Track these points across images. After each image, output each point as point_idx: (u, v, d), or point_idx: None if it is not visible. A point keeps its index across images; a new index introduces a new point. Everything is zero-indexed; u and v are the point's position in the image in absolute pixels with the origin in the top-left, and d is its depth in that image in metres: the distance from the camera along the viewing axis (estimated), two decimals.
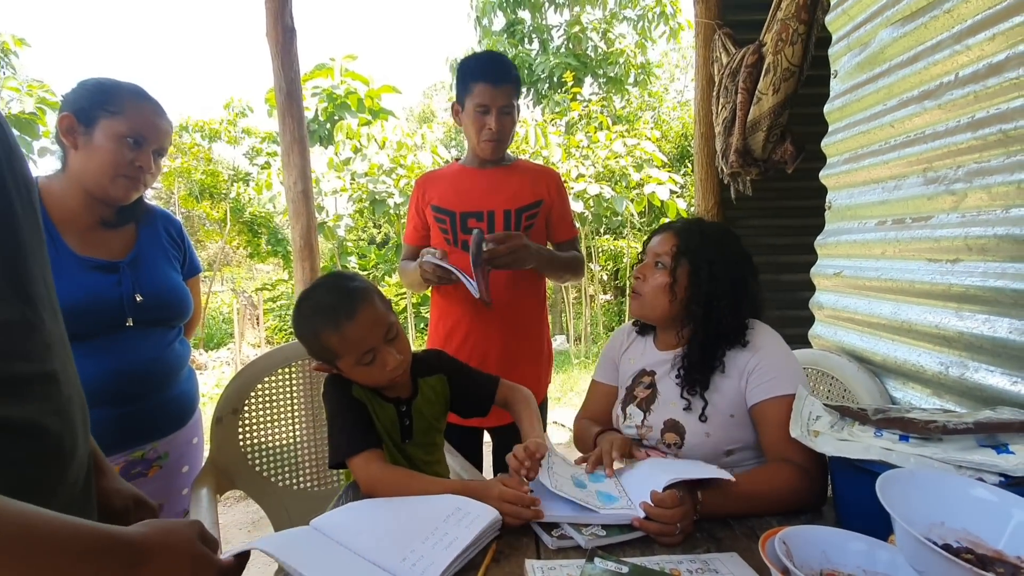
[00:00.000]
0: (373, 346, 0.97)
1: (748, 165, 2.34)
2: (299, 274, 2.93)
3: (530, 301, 1.62)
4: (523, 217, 1.55)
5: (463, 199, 1.55)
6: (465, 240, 1.50)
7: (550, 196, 1.60)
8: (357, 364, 0.98)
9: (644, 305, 1.16)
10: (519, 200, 1.55)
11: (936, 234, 1.16)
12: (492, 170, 1.58)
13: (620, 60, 9.85)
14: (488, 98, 1.46)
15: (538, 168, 1.67)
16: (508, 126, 1.53)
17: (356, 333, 0.96)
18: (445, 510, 0.84)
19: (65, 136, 1.07)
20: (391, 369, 0.98)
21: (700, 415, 1.07)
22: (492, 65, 1.50)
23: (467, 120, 1.53)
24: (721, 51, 2.48)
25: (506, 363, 1.53)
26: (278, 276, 10.88)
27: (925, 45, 1.19)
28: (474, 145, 1.55)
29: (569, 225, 1.68)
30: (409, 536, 0.78)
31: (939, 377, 1.14)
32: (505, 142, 1.55)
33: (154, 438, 1.16)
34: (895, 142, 1.30)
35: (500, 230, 1.51)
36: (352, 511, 0.88)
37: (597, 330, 8.09)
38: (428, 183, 1.62)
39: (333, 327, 0.95)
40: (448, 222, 1.54)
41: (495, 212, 1.52)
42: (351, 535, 0.80)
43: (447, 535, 0.78)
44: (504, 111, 1.49)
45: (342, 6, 65.74)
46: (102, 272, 1.10)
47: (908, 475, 0.69)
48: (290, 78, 2.78)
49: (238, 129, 9.08)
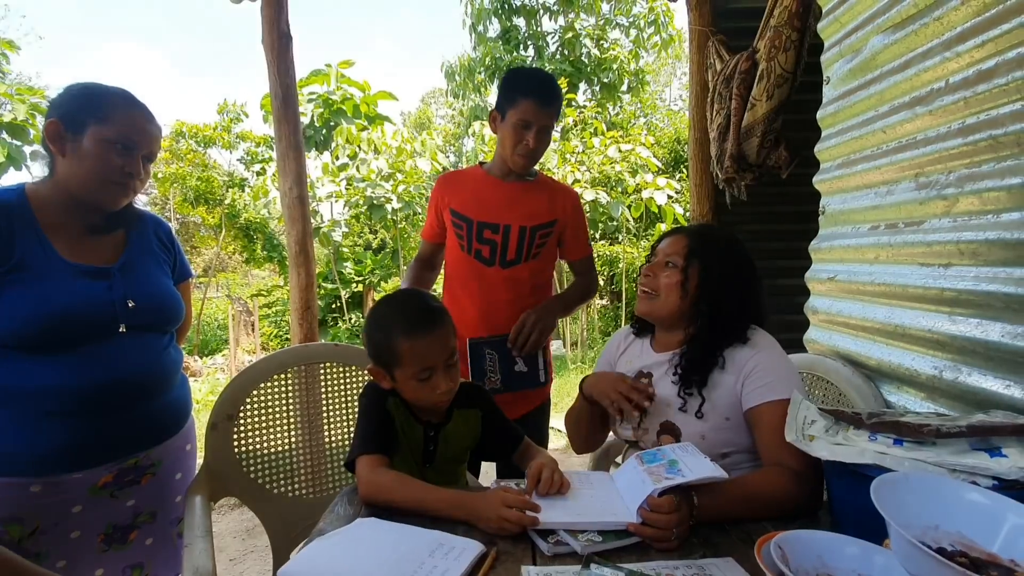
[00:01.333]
0: (434, 365, 1.01)
1: (743, 170, 2.35)
2: (295, 280, 2.93)
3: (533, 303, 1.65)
4: (536, 235, 1.57)
5: (482, 208, 1.56)
6: (479, 249, 1.55)
7: (565, 215, 1.62)
8: (413, 378, 1.01)
9: (655, 303, 1.18)
10: (536, 218, 1.57)
11: (928, 239, 1.17)
12: (514, 184, 1.60)
13: (614, 66, 9.91)
14: (532, 115, 1.48)
15: (558, 186, 1.69)
16: (545, 145, 1.55)
17: (426, 348, 1.00)
18: (428, 545, 0.81)
19: (52, 142, 1.05)
20: (441, 392, 1.03)
21: (697, 412, 1.08)
22: (542, 85, 1.52)
23: (505, 131, 1.52)
24: (715, 58, 2.51)
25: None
26: (273, 282, 10.86)
27: (916, 52, 1.20)
28: (507, 157, 1.55)
29: (584, 244, 1.70)
30: (396, 572, 0.75)
31: (933, 381, 1.14)
32: (537, 159, 1.58)
33: (147, 445, 1.15)
34: (887, 148, 1.31)
35: (514, 245, 1.55)
36: (324, 555, 0.81)
37: (594, 335, 8.09)
38: (449, 184, 1.64)
39: (408, 335, 1.00)
40: (465, 228, 1.57)
41: (511, 227, 1.55)
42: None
43: (436, 568, 0.76)
44: (544, 131, 1.51)
45: (338, 12, 65.97)
46: (93, 278, 1.09)
47: (903, 479, 0.69)
48: (286, 84, 2.78)
49: (232, 135, 9.07)
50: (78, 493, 1.06)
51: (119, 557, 1.13)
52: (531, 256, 1.57)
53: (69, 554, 1.06)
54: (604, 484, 0.99)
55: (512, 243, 1.55)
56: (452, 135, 14.43)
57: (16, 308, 0.99)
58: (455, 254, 1.61)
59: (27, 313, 0.99)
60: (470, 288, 1.57)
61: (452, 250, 1.62)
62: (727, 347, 1.11)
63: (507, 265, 1.56)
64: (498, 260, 1.56)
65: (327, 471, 1.46)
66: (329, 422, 1.48)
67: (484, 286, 1.56)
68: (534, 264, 1.59)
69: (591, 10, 9.89)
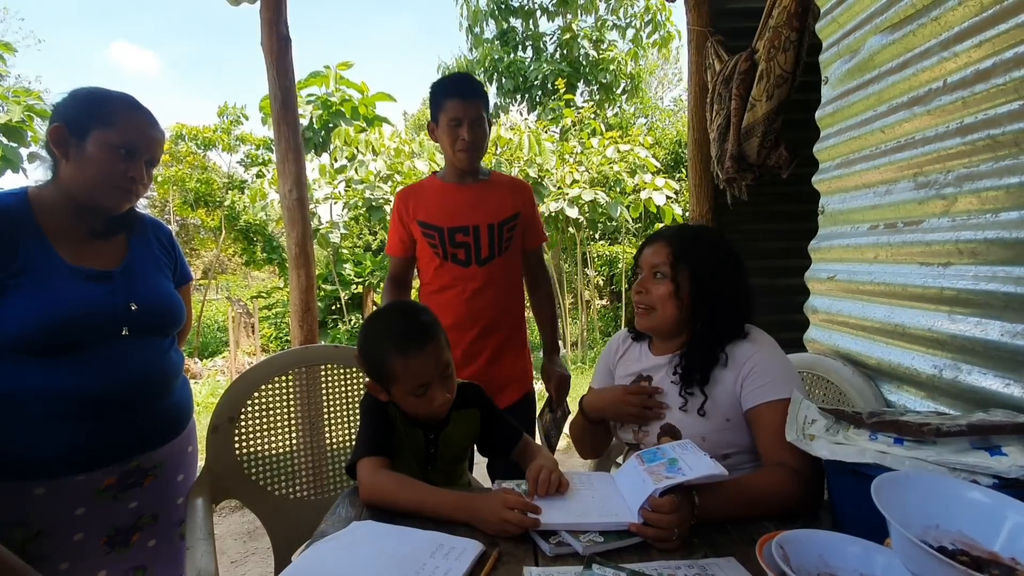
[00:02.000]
0: (429, 381, 1.02)
1: (743, 171, 2.35)
2: (295, 281, 2.92)
3: (513, 304, 1.74)
4: (504, 230, 1.65)
5: (449, 215, 1.63)
6: (454, 253, 1.62)
7: (525, 207, 1.71)
8: (410, 393, 1.02)
9: (654, 318, 1.16)
10: (500, 214, 1.65)
11: (927, 238, 1.17)
12: (472, 185, 1.68)
13: (611, 67, 9.91)
14: (460, 111, 1.57)
15: (512, 181, 1.78)
16: (480, 137, 1.62)
17: (419, 365, 1.01)
18: (429, 546, 0.82)
19: (56, 147, 1.06)
20: (437, 406, 1.04)
21: (699, 410, 1.08)
22: (461, 82, 1.63)
23: (442, 135, 1.62)
24: (714, 58, 2.51)
25: (495, 356, 1.66)
26: (273, 284, 10.85)
27: (914, 52, 1.20)
28: (450, 157, 1.65)
29: (539, 233, 1.80)
30: (398, 574, 0.75)
31: (933, 380, 1.15)
32: (479, 151, 1.64)
33: (150, 447, 1.15)
34: (886, 147, 1.32)
35: (486, 243, 1.63)
36: (323, 560, 0.81)
37: (594, 335, 8.09)
38: (411, 197, 1.69)
39: (401, 354, 1.00)
40: (437, 237, 1.63)
41: (480, 227, 1.63)
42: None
43: (438, 568, 0.76)
44: (476, 123, 1.59)
45: (337, 14, 65.98)
46: (96, 282, 1.09)
47: (903, 478, 0.69)
48: (285, 87, 2.78)
49: (232, 137, 9.08)
50: (81, 496, 1.06)
51: (122, 559, 1.13)
52: (503, 250, 1.66)
53: (72, 556, 1.06)
54: (605, 484, 0.99)
55: (484, 241, 1.63)
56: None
57: (20, 312, 0.99)
58: (431, 263, 1.66)
59: (31, 317, 0.99)
60: (453, 291, 1.63)
61: (427, 260, 1.67)
62: (728, 343, 1.11)
63: (483, 263, 1.63)
64: (474, 260, 1.63)
65: (328, 473, 1.47)
66: (330, 424, 1.49)
67: (465, 287, 1.62)
68: (507, 256, 1.67)
69: (589, 10, 9.89)
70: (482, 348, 1.64)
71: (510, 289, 1.70)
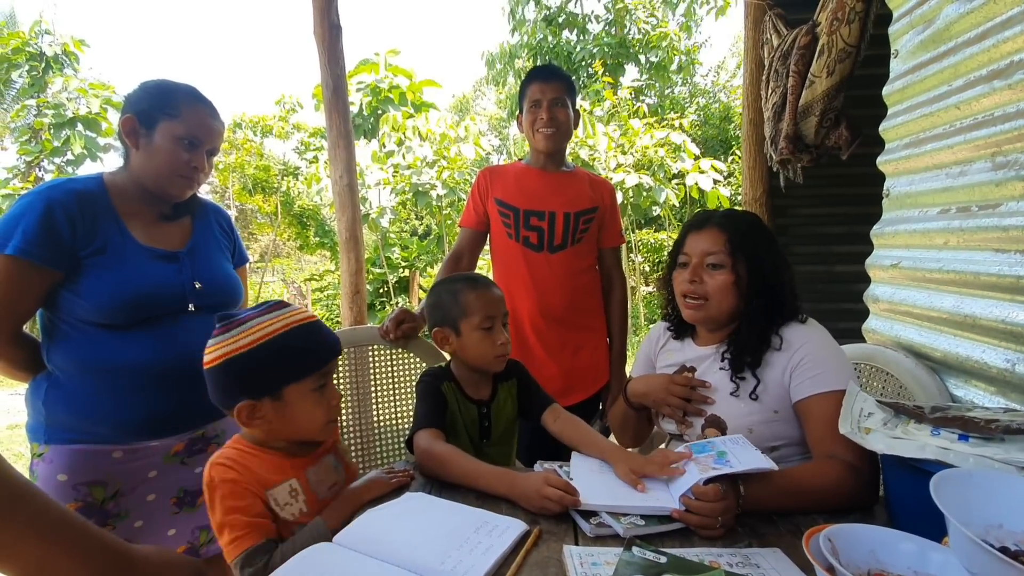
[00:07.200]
0: (496, 315, 1.16)
1: (799, 152, 2.24)
2: (345, 265, 3.03)
3: (584, 297, 1.70)
4: (580, 221, 1.65)
5: (527, 197, 1.64)
6: (527, 236, 1.63)
7: (604, 204, 1.70)
8: (478, 328, 1.15)
9: (709, 309, 1.12)
10: (578, 204, 1.65)
11: (1005, 223, 1.09)
12: (554, 174, 1.68)
13: (663, 44, 9.58)
14: (539, 93, 1.60)
15: (595, 177, 1.77)
16: (562, 117, 1.61)
17: (490, 299, 1.17)
18: (474, 522, 0.84)
19: (128, 137, 1.14)
20: (500, 344, 1.16)
21: (751, 394, 1.06)
22: (540, 69, 1.66)
23: (525, 121, 1.64)
24: (772, 33, 2.39)
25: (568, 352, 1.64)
26: (325, 267, 11.24)
27: (994, 21, 1.11)
28: (532, 141, 1.66)
29: (618, 233, 1.76)
30: (443, 543, 0.78)
31: (1004, 374, 1.07)
32: (560, 133, 1.63)
33: (214, 418, 1.23)
34: (961, 125, 1.23)
35: (560, 231, 1.63)
36: (376, 524, 0.85)
37: (639, 322, 7.99)
38: (493, 176, 1.72)
39: (473, 288, 1.18)
40: (512, 217, 1.65)
41: (556, 213, 1.63)
42: (380, 546, 0.78)
43: (480, 543, 0.78)
44: (554, 103, 1.59)
45: (387, 1, 66.69)
46: (165, 261, 1.17)
47: (965, 475, 0.66)
48: (336, 74, 2.85)
49: (289, 125, 9.39)
50: (154, 460, 1.15)
51: (189, 519, 1.22)
52: (576, 241, 1.64)
53: (146, 515, 1.16)
54: None
55: (559, 229, 1.62)
56: (497, 119, 14.40)
57: (100, 288, 1.08)
58: (503, 243, 1.67)
59: (110, 293, 1.08)
60: (521, 274, 1.64)
61: (500, 239, 1.69)
62: (783, 325, 1.08)
63: (555, 250, 1.63)
64: (546, 246, 1.63)
65: (376, 447, 1.53)
66: (378, 402, 1.54)
67: (534, 271, 1.63)
68: (580, 247, 1.66)
69: None
70: (555, 338, 1.63)
71: (582, 281, 1.67)
